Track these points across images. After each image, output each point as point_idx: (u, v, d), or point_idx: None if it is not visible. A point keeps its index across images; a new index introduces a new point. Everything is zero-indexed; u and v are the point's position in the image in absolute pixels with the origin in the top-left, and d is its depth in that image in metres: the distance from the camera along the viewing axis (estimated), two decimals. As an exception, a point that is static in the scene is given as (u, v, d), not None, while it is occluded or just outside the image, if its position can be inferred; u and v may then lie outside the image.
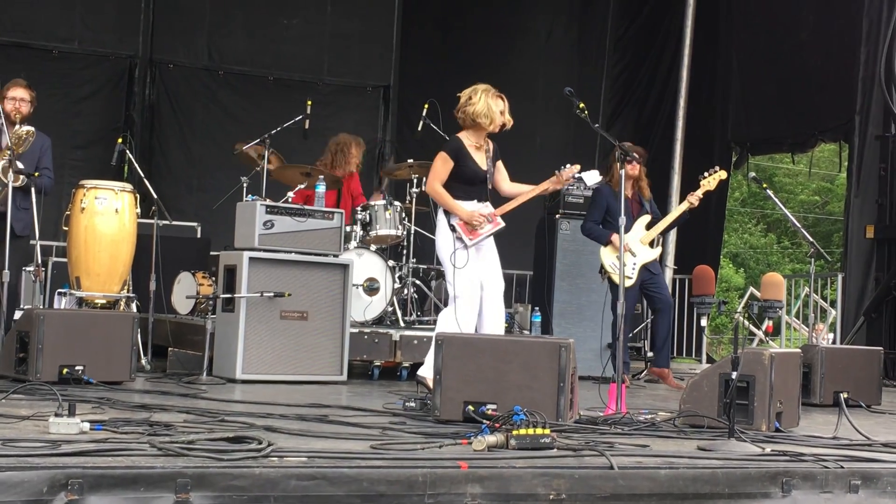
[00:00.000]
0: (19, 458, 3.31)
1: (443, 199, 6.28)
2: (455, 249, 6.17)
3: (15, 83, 7.23)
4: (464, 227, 6.23)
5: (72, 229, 7.29)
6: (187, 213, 10.78)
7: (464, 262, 6.15)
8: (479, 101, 6.23)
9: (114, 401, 5.13)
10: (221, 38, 12.14)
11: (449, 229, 6.25)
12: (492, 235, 6.35)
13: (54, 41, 11.35)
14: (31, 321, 5.96)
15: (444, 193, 6.27)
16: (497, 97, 6.28)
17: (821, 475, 4.10)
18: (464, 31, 12.68)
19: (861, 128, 10.04)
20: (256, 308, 6.87)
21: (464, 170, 6.28)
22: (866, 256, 9.96)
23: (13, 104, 7.11)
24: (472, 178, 6.31)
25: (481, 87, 6.28)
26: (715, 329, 25.63)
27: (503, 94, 6.33)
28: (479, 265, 6.29)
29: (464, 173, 6.28)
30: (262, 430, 4.28)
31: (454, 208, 6.25)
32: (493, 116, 6.23)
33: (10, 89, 7.16)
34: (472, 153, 6.32)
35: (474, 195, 6.32)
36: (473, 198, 6.32)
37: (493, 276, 6.34)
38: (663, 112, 12.46)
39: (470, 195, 6.31)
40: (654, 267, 8.19)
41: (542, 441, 4.08)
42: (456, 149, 6.30)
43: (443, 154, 6.31)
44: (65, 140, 11.18)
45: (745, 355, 4.91)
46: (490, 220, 6.30)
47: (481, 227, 6.26)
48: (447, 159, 6.27)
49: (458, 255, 6.16)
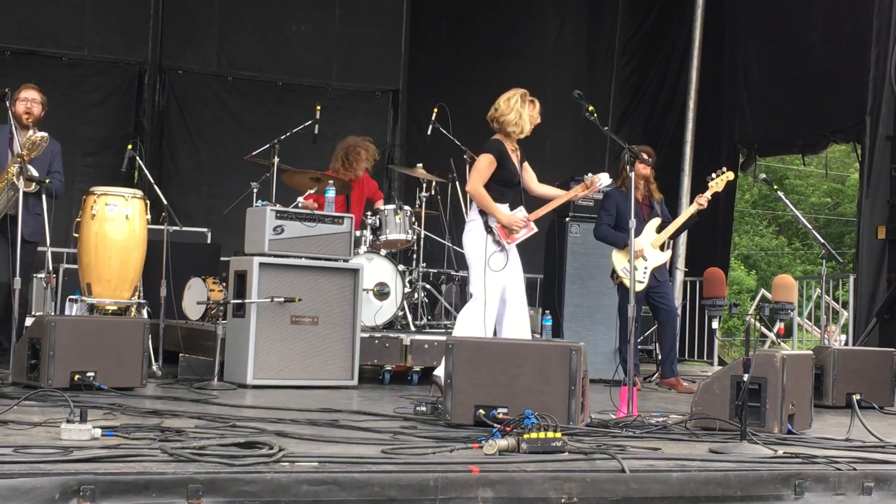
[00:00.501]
0: (31, 465, 3.32)
1: (484, 201, 6.34)
2: (493, 252, 6.25)
3: (25, 86, 7.28)
4: (502, 231, 6.31)
5: (82, 236, 7.30)
6: (197, 219, 10.79)
7: (502, 265, 6.25)
8: (512, 109, 6.33)
9: (125, 407, 5.14)
10: (230, 43, 12.16)
11: (484, 230, 6.31)
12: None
13: (64, 48, 11.39)
14: (43, 328, 5.97)
15: (485, 195, 6.34)
16: (530, 102, 6.38)
17: (833, 477, 4.08)
18: (472, 35, 12.69)
19: (872, 128, 10.01)
20: (267, 313, 6.87)
21: (505, 172, 6.38)
22: (878, 257, 9.92)
23: (25, 105, 7.16)
24: (510, 181, 6.41)
25: (516, 95, 6.37)
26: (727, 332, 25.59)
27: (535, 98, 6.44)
28: (505, 269, 6.37)
29: (504, 175, 6.38)
30: (273, 435, 4.27)
31: (495, 211, 6.33)
32: (524, 125, 6.36)
33: (22, 91, 7.21)
34: (511, 156, 6.43)
35: (509, 197, 6.41)
36: (507, 200, 6.40)
37: (516, 280, 6.42)
38: (673, 114, 12.45)
39: (505, 197, 6.39)
40: (660, 273, 8.17)
41: (553, 445, 4.07)
42: (500, 150, 6.38)
43: (488, 156, 6.37)
44: (75, 147, 11.21)
45: (756, 357, 4.89)
46: (525, 225, 6.38)
47: (517, 232, 6.35)
48: (492, 161, 6.35)
49: (496, 258, 6.25)
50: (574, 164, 11.68)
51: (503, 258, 6.28)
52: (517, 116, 6.32)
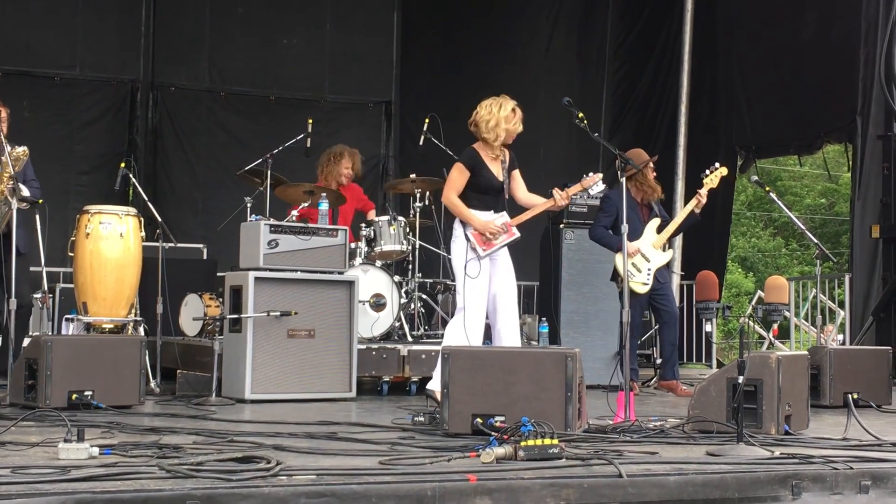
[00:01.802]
0: (29, 485, 3.33)
1: (458, 210, 6.35)
2: (468, 259, 6.23)
3: None
4: (478, 238, 6.28)
5: (77, 255, 7.30)
6: (193, 235, 10.80)
7: (476, 272, 6.20)
8: (490, 116, 6.28)
9: (123, 425, 5.15)
10: (222, 59, 12.19)
11: (464, 239, 6.30)
12: (506, 246, 6.38)
13: (56, 68, 11.41)
14: (39, 348, 5.98)
15: (459, 203, 6.34)
16: (511, 111, 6.30)
17: (830, 477, 4.10)
18: (464, 45, 12.71)
19: (863, 128, 10.05)
20: (263, 328, 6.88)
21: (479, 180, 6.35)
22: (871, 256, 9.95)
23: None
24: (488, 188, 6.37)
25: (497, 101, 6.32)
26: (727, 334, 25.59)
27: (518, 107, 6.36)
28: (493, 276, 6.35)
29: (479, 183, 6.35)
30: (271, 449, 4.28)
31: (469, 218, 6.31)
32: (499, 133, 6.28)
33: None
34: (487, 163, 6.38)
35: (490, 205, 6.38)
36: (490, 208, 6.37)
37: (507, 288, 6.38)
38: (665, 119, 12.47)
39: (486, 205, 6.37)
40: (661, 275, 8.18)
41: (551, 451, 4.08)
42: (471, 158, 6.37)
43: (458, 164, 6.39)
44: (69, 166, 11.29)
45: (751, 359, 4.90)
46: (505, 231, 6.34)
47: (496, 238, 6.30)
48: (463, 170, 6.34)
49: (471, 265, 6.22)
50: (568, 170, 11.68)
51: (478, 265, 6.22)
52: (494, 123, 6.26)
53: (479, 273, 6.23)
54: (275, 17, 12.32)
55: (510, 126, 6.31)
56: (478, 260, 6.25)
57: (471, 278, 6.20)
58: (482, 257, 6.27)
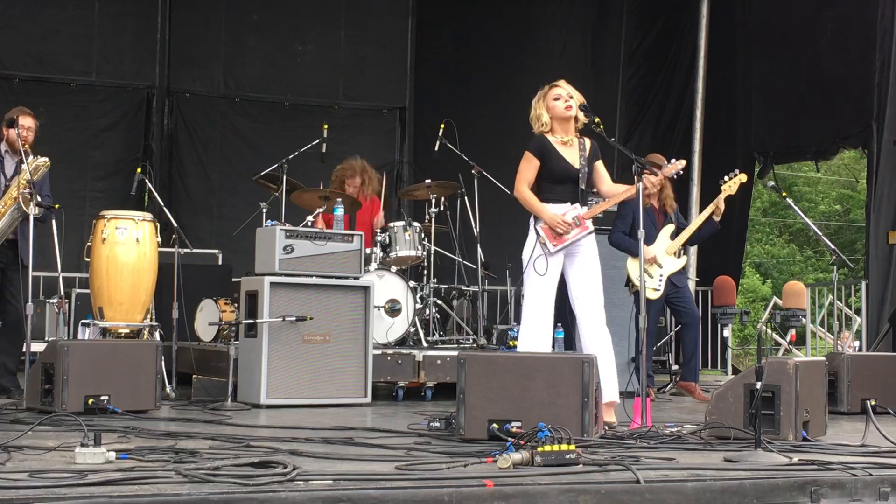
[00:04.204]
0: (47, 489, 3.33)
1: (528, 202, 5.92)
2: (537, 256, 5.82)
3: (22, 111, 7.20)
4: (548, 233, 5.85)
5: (93, 260, 7.32)
6: (208, 241, 10.83)
7: (544, 269, 5.81)
8: (532, 112, 6.02)
9: (139, 429, 5.15)
10: (237, 66, 12.24)
11: (534, 234, 5.90)
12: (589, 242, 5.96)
13: (72, 74, 11.48)
14: (56, 352, 5.99)
15: (529, 196, 5.91)
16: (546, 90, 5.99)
17: (849, 483, 4.07)
18: (478, 51, 12.72)
19: (878, 134, 10.01)
20: (279, 333, 6.88)
21: (551, 167, 5.90)
22: (887, 262, 9.90)
23: (24, 132, 7.09)
24: (563, 177, 5.93)
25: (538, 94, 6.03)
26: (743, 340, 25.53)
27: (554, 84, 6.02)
28: (570, 275, 5.96)
29: (552, 171, 5.91)
30: (288, 454, 4.28)
31: (539, 211, 5.88)
32: (544, 119, 5.95)
33: (21, 117, 7.13)
34: (558, 149, 5.95)
35: (567, 196, 5.94)
36: (566, 199, 5.93)
37: (587, 288, 5.95)
38: (681, 125, 12.44)
39: (562, 196, 5.93)
40: (678, 279, 8.17)
41: (567, 457, 4.06)
42: (539, 145, 5.94)
43: (526, 153, 5.95)
44: (85, 171, 11.34)
45: (769, 365, 4.88)
46: (577, 225, 5.88)
47: (567, 233, 5.86)
48: (530, 158, 5.92)
49: (539, 261, 5.82)
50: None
51: (545, 263, 5.81)
52: (537, 114, 5.99)
53: (547, 271, 5.81)
54: (289, 24, 12.36)
55: (550, 103, 5.95)
56: (545, 257, 5.83)
57: (539, 275, 5.81)
58: (552, 254, 5.84)
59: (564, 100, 5.95)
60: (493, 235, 9.93)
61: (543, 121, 5.99)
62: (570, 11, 13.06)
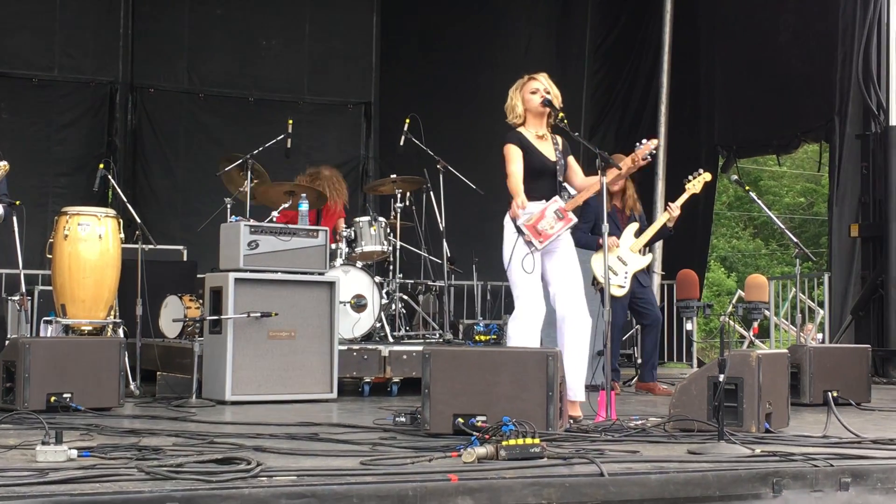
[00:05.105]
0: (6, 488, 3.30)
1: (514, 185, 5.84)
2: (524, 255, 5.76)
3: None
4: (532, 230, 5.78)
5: (56, 257, 7.26)
6: (173, 237, 10.75)
7: (531, 267, 5.75)
8: (508, 102, 6.00)
9: (102, 427, 5.11)
10: (201, 60, 12.16)
11: (514, 232, 5.83)
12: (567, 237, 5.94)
13: (34, 69, 11.35)
14: (17, 350, 5.93)
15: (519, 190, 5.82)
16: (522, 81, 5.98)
17: (811, 474, 4.11)
18: (443, 46, 12.71)
19: (840, 128, 10.11)
20: (244, 329, 6.85)
21: (529, 161, 5.88)
22: (851, 255, 10.01)
23: None
24: (541, 170, 5.91)
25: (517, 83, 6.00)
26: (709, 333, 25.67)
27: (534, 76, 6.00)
28: (549, 271, 5.94)
29: (530, 165, 5.88)
30: (252, 450, 4.27)
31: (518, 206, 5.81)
32: (518, 110, 5.95)
33: None
34: (534, 143, 5.94)
35: (545, 190, 5.91)
36: (542, 195, 5.88)
37: (566, 280, 5.93)
38: (645, 119, 12.50)
39: (539, 191, 5.89)
40: (643, 278, 8.23)
41: (532, 451, 4.08)
42: (517, 137, 5.92)
43: (509, 146, 5.90)
44: (48, 167, 11.23)
45: (732, 358, 4.91)
46: (560, 218, 5.83)
47: (551, 227, 5.80)
48: (515, 149, 5.87)
49: (527, 260, 5.75)
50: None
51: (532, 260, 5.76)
52: (510, 103, 5.98)
53: (534, 268, 5.77)
54: (253, 19, 12.31)
55: (526, 95, 5.94)
56: (532, 255, 5.76)
57: (527, 273, 5.75)
58: (539, 250, 5.80)
59: (541, 94, 5.95)
60: (459, 230, 9.93)
61: (518, 112, 5.99)
62: (536, 6, 13.09)
